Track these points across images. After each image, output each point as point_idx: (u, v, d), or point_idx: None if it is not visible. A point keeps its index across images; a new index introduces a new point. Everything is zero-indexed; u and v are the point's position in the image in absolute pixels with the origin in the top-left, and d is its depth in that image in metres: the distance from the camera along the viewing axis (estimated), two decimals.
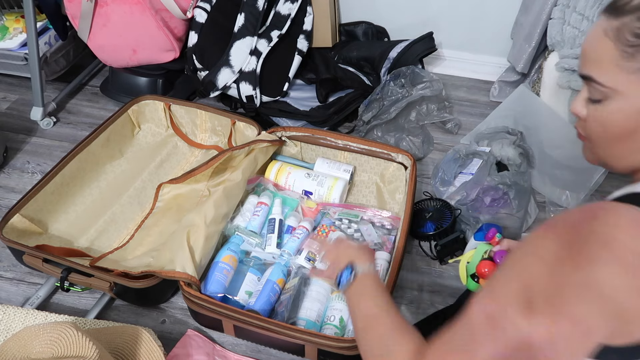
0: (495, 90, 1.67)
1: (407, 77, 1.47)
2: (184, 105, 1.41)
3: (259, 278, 1.06)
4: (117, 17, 1.42)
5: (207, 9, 1.47)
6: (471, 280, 0.96)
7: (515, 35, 1.59)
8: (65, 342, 0.83)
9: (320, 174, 1.27)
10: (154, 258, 1.06)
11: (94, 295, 1.11)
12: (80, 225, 1.21)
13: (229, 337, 1.04)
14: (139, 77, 1.58)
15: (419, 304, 1.12)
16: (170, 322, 1.07)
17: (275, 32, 1.47)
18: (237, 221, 1.16)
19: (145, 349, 0.93)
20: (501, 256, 0.93)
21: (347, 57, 1.61)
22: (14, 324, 1.00)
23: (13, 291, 1.12)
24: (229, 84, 1.45)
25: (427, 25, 1.63)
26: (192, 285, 0.98)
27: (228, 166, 1.28)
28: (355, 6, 1.72)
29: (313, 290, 1.03)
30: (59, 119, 1.57)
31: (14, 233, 1.10)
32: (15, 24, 1.57)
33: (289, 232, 1.15)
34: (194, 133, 1.45)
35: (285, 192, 1.25)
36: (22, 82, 1.70)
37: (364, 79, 1.56)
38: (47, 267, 1.03)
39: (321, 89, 1.51)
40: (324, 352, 0.93)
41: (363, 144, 1.28)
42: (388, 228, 1.17)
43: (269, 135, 1.28)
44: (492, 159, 1.27)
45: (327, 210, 1.21)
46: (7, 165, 1.42)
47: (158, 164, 1.39)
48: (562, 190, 1.31)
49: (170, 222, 1.22)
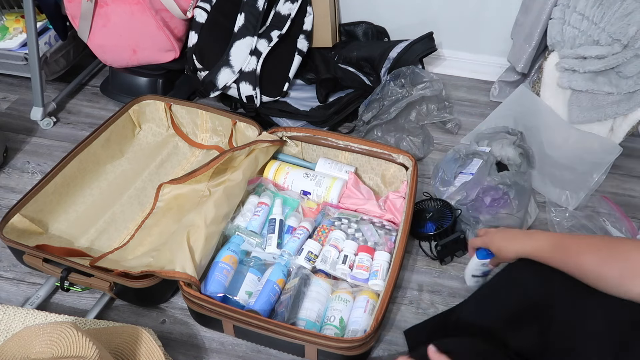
0: (495, 90, 1.67)
1: (407, 77, 1.47)
2: (185, 105, 1.41)
3: (259, 278, 1.06)
4: (117, 17, 1.42)
5: (207, 9, 1.47)
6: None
7: (515, 35, 1.59)
8: (65, 342, 0.83)
9: (319, 174, 1.27)
10: (154, 258, 1.06)
11: (94, 295, 1.11)
12: (81, 225, 1.21)
13: (229, 337, 1.04)
14: (139, 77, 1.58)
15: (419, 304, 1.12)
16: (170, 322, 1.07)
17: (275, 32, 1.47)
18: (238, 221, 1.16)
19: (145, 349, 0.93)
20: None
21: (347, 57, 1.61)
22: (14, 324, 1.00)
23: (13, 291, 1.12)
24: (229, 84, 1.45)
25: (427, 25, 1.63)
26: (192, 286, 0.98)
27: (229, 166, 1.28)
28: (355, 6, 1.72)
29: (313, 291, 1.03)
30: (59, 119, 1.57)
31: (14, 233, 1.10)
32: (15, 24, 1.57)
33: (290, 233, 1.15)
34: (195, 133, 1.45)
35: (285, 192, 1.25)
36: (22, 82, 1.70)
37: (364, 79, 1.56)
38: (47, 267, 1.03)
39: (321, 89, 1.51)
40: (324, 352, 0.93)
41: (364, 144, 1.28)
42: (388, 228, 1.17)
43: (269, 136, 1.29)
44: (492, 159, 1.27)
45: (327, 211, 1.21)
46: (7, 165, 1.42)
47: (159, 164, 1.39)
48: (562, 190, 1.31)
49: (170, 222, 1.22)
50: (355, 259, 1.10)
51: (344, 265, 1.08)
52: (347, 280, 1.07)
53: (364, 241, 1.14)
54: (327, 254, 1.09)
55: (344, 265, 1.08)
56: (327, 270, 1.08)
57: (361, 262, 1.08)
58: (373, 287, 1.04)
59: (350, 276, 1.07)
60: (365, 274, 1.06)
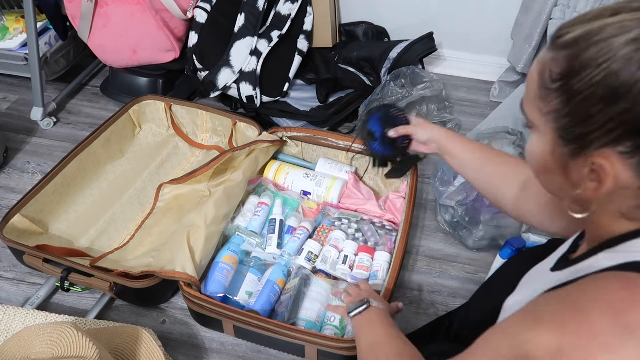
0: (495, 90, 1.67)
1: (407, 77, 1.48)
2: (185, 105, 1.41)
3: (259, 278, 1.06)
4: (117, 17, 1.42)
5: (207, 9, 1.47)
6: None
7: (515, 35, 1.59)
8: (65, 342, 0.83)
9: (319, 173, 1.27)
10: (154, 258, 1.06)
11: (94, 295, 1.11)
12: (81, 225, 1.21)
13: (229, 337, 1.04)
14: (139, 77, 1.58)
15: (419, 304, 1.12)
16: (170, 322, 1.07)
17: (275, 32, 1.47)
18: (238, 221, 1.16)
19: (145, 349, 0.93)
20: None
21: (347, 57, 1.61)
22: (14, 324, 1.00)
23: (13, 291, 1.12)
24: (229, 84, 1.45)
25: (427, 25, 1.63)
26: (192, 286, 0.98)
27: (229, 166, 1.28)
28: (355, 6, 1.72)
29: (313, 291, 1.03)
30: (59, 119, 1.57)
31: (14, 233, 1.10)
32: (15, 24, 1.57)
33: (290, 233, 1.15)
34: (195, 133, 1.45)
35: (285, 192, 1.25)
36: (22, 82, 1.70)
37: (364, 79, 1.56)
38: (47, 267, 1.03)
39: (321, 89, 1.51)
40: (324, 352, 0.93)
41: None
42: (388, 228, 1.17)
43: (269, 136, 1.28)
44: None
45: (327, 211, 1.21)
46: (7, 165, 1.42)
47: (159, 164, 1.39)
48: None
49: (170, 222, 1.22)
50: (355, 259, 1.10)
51: (344, 265, 1.08)
52: (347, 281, 1.07)
53: (364, 241, 1.14)
54: (327, 254, 1.09)
55: (344, 265, 1.08)
56: (327, 270, 1.08)
57: (361, 262, 1.08)
58: (373, 287, 1.04)
59: (350, 276, 1.07)
60: (365, 274, 1.06)
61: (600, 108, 0.42)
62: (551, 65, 0.46)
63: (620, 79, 0.40)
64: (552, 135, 0.48)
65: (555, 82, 0.45)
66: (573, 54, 0.43)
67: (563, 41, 0.45)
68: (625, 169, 0.44)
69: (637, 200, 0.46)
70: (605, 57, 0.41)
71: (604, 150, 0.44)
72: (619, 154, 0.43)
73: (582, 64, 0.43)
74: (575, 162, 0.47)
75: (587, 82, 0.42)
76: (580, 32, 0.43)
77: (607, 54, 0.41)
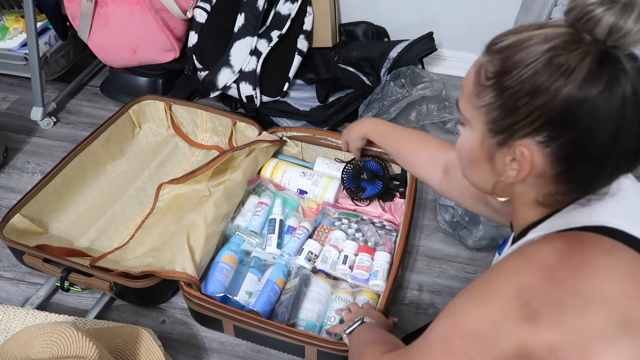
0: None
1: (407, 77, 1.48)
2: (185, 105, 1.41)
3: (259, 278, 1.06)
4: (117, 17, 1.42)
5: (207, 9, 1.47)
6: None
7: None
8: (65, 342, 0.83)
9: (317, 173, 1.27)
10: (154, 258, 1.06)
11: (94, 295, 1.11)
12: (81, 225, 1.21)
13: (229, 337, 1.04)
14: (139, 77, 1.58)
15: (419, 304, 1.12)
16: (170, 322, 1.07)
17: (275, 32, 1.47)
18: (238, 221, 1.16)
19: (145, 349, 0.93)
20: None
21: (347, 57, 1.61)
22: (14, 324, 1.00)
23: (13, 291, 1.12)
24: (229, 84, 1.45)
25: (427, 25, 1.63)
26: (192, 285, 0.98)
27: (229, 166, 1.28)
28: (355, 6, 1.72)
29: (313, 291, 1.03)
30: (59, 119, 1.57)
31: (14, 233, 1.10)
32: (15, 24, 1.57)
33: (290, 233, 1.15)
34: (195, 133, 1.45)
35: (285, 192, 1.25)
36: (22, 82, 1.70)
37: (364, 79, 1.56)
38: (47, 267, 1.03)
39: (321, 89, 1.51)
40: (324, 352, 0.93)
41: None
42: (388, 228, 1.17)
43: (269, 136, 1.28)
44: None
45: (327, 211, 1.21)
46: (7, 165, 1.42)
47: (159, 164, 1.39)
48: None
49: (170, 222, 1.22)
50: (356, 259, 1.09)
51: (344, 265, 1.08)
52: (347, 281, 1.07)
53: (364, 241, 1.14)
54: (327, 254, 1.09)
55: (344, 265, 1.08)
56: (327, 270, 1.08)
57: (361, 263, 1.08)
58: (373, 287, 1.04)
59: (350, 276, 1.07)
60: (366, 274, 1.06)
61: (526, 101, 0.50)
62: (487, 66, 0.53)
63: (542, 77, 0.49)
64: (482, 128, 0.55)
65: (490, 80, 0.53)
66: (506, 57, 0.51)
67: (498, 47, 0.53)
68: (541, 158, 0.51)
69: (550, 187, 0.54)
70: (531, 59, 0.49)
71: (525, 140, 0.51)
72: (537, 143, 0.51)
73: (513, 65, 0.51)
74: (501, 151, 0.54)
75: (517, 80, 0.50)
76: (512, 40, 0.52)
77: (533, 57, 0.49)
